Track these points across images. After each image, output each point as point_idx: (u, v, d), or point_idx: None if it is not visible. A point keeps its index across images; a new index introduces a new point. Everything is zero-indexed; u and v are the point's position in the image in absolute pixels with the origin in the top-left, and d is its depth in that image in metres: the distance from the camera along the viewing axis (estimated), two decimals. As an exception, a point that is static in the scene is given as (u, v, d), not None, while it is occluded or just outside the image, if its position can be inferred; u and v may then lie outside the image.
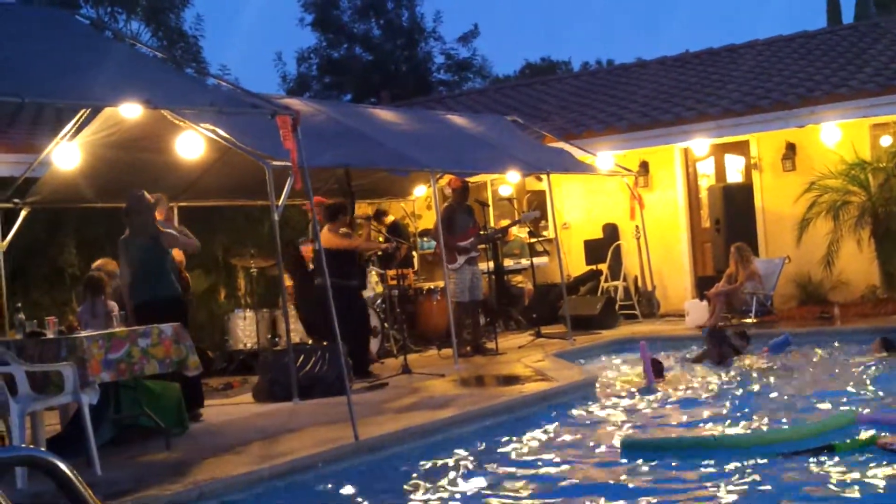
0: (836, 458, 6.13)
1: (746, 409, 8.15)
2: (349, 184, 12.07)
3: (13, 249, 10.50)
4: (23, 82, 6.55)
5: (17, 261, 11.04)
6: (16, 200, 10.41)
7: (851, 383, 8.93)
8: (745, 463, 6.17)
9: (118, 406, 7.66)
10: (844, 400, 8.14)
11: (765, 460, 6.20)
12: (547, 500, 5.84)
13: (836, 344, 11.35)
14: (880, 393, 8.40)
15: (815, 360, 10.74)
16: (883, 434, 6.46)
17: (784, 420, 7.60)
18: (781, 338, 11.40)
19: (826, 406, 8.00)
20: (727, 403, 8.53)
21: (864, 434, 6.57)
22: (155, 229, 8.78)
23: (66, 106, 9.68)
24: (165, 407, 7.86)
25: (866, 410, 7.47)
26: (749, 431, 7.28)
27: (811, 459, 6.16)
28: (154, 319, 7.67)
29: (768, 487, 5.70)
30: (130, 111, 7.79)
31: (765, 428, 7.36)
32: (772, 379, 9.61)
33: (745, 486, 5.72)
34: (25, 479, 6.23)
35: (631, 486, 5.98)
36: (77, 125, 9.86)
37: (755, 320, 13.21)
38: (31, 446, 6.38)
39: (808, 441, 6.50)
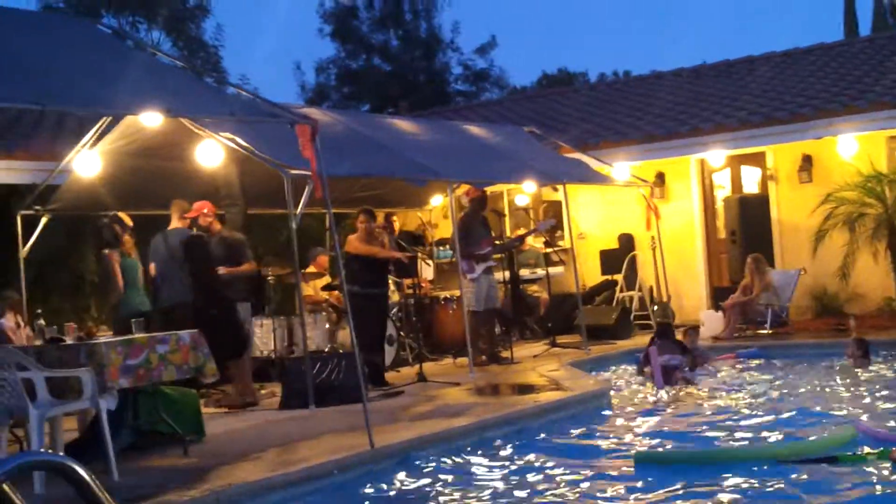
0: (841, 468, 6.19)
1: (754, 420, 8.24)
2: None
3: (34, 256, 10.60)
4: (44, 90, 6.61)
5: (38, 267, 11.14)
6: (37, 208, 10.53)
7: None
8: (757, 475, 6.16)
9: (136, 412, 7.70)
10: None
11: (777, 472, 6.20)
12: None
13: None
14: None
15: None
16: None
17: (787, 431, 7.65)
18: (752, 350, 12.10)
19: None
20: (735, 412, 8.64)
21: (868, 449, 6.58)
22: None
23: (86, 114, 9.79)
24: (183, 413, 7.90)
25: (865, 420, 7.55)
26: (757, 444, 7.29)
27: (814, 467, 6.21)
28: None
29: (782, 499, 5.70)
30: (151, 120, 7.88)
31: (771, 439, 7.39)
32: (773, 392, 9.72)
33: (758, 498, 5.73)
34: (43, 484, 6.30)
35: (643, 498, 5.99)
36: (98, 133, 9.97)
37: (770, 332, 13.23)
38: (50, 451, 6.43)
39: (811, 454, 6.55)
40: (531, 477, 6.64)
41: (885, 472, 6.08)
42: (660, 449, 7.46)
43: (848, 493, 5.72)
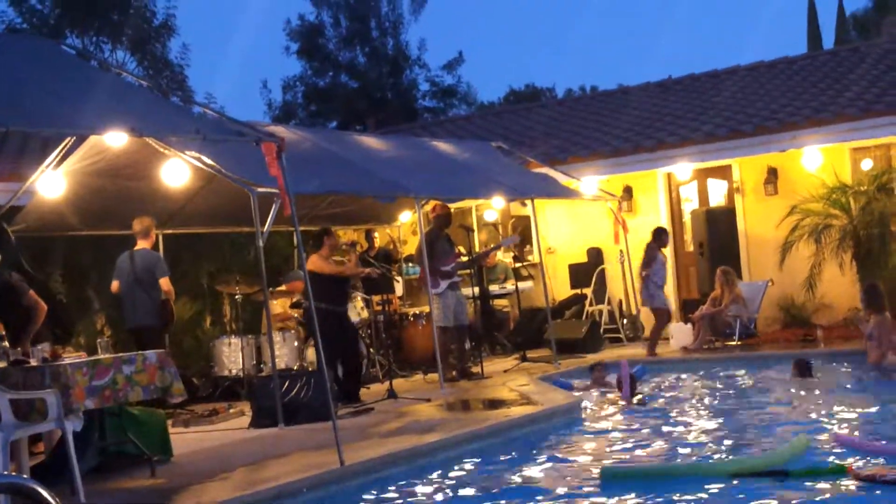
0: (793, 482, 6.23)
1: (721, 432, 8.31)
2: None
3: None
4: (7, 111, 6.56)
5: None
6: (0, 228, 10.41)
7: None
8: (722, 490, 6.18)
9: (102, 433, 7.63)
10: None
11: (745, 486, 6.23)
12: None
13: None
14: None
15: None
16: (861, 463, 6.45)
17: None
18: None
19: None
20: (700, 427, 8.69)
21: (821, 462, 6.65)
22: None
23: (51, 134, 9.71)
24: (150, 433, 7.85)
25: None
26: (722, 458, 7.30)
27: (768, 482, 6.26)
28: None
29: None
30: (116, 139, 7.83)
31: (727, 453, 7.45)
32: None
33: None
34: (9, 508, 6.22)
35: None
36: (62, 154, 9.88)
37: (739, 343, 13.30)
38: (14, 474, 6.35)
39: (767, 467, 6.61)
40: (502, 492, 6.62)
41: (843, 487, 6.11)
42: (627, 462, 7.47)
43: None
